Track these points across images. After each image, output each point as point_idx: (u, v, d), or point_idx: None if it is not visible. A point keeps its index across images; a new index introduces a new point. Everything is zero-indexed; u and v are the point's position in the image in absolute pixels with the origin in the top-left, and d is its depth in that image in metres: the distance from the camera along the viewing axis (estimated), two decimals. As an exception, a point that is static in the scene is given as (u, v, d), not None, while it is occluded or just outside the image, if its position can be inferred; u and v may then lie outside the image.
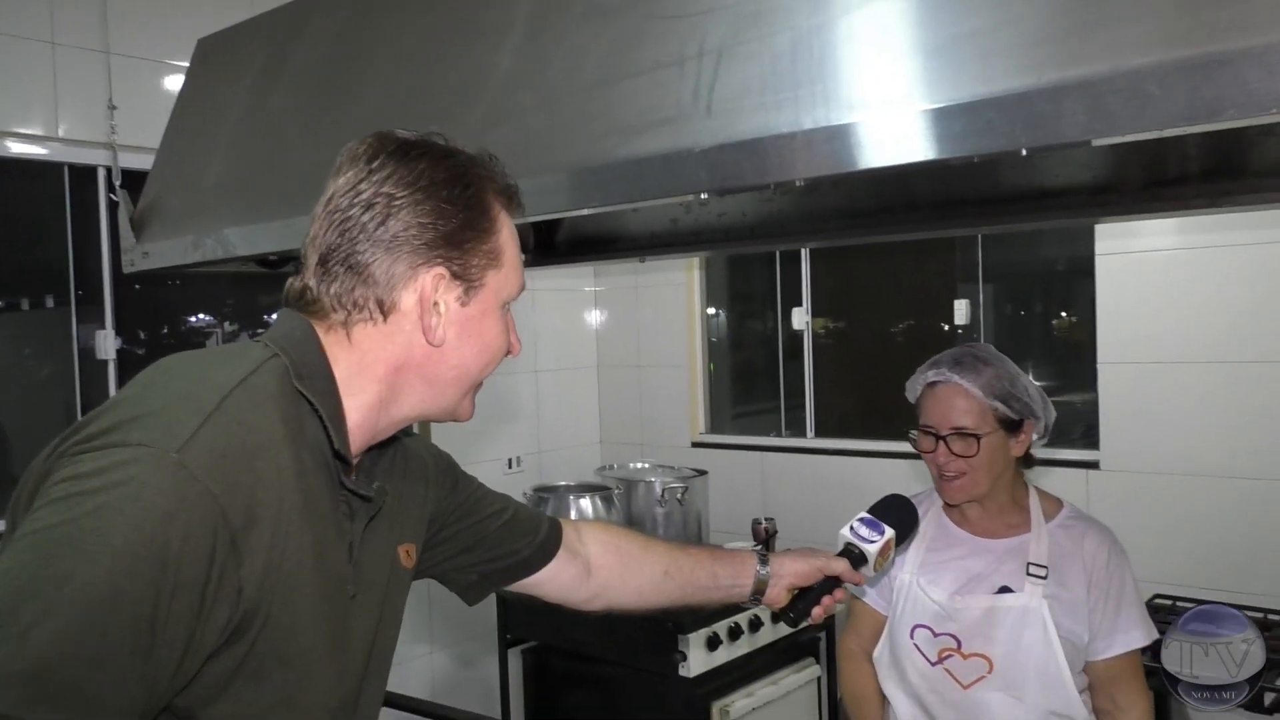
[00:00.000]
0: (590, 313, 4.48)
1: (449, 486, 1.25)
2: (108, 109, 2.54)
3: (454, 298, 0.98)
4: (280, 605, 0.85)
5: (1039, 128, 0.88)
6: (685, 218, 2.46)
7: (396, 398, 1.00)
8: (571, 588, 1.39)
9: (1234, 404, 2.89)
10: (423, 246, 0.96)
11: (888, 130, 0.98)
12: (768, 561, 1.49)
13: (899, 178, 2.11)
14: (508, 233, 1.04)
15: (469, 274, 0.99)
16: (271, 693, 0.87)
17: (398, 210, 0.95)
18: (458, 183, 0.98)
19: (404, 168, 0.96)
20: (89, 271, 2.92)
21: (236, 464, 0.83)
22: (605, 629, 3.02)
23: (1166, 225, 2.97)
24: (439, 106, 1.50)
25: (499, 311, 1.03)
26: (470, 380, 1.04)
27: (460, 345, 1.00)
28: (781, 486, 3.88)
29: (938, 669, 1.75)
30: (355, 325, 0.97)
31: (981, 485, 1.74)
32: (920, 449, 1.80)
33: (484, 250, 1.00)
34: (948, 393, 1.74)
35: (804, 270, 3.94)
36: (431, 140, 1.01)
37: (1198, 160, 1.86)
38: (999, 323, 3.65)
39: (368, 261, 0.95)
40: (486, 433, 3.95)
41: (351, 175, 0.97)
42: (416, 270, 0.96)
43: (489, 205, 1.01)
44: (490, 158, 1.04)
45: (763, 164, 1.08)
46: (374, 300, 0.96)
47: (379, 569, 1.05)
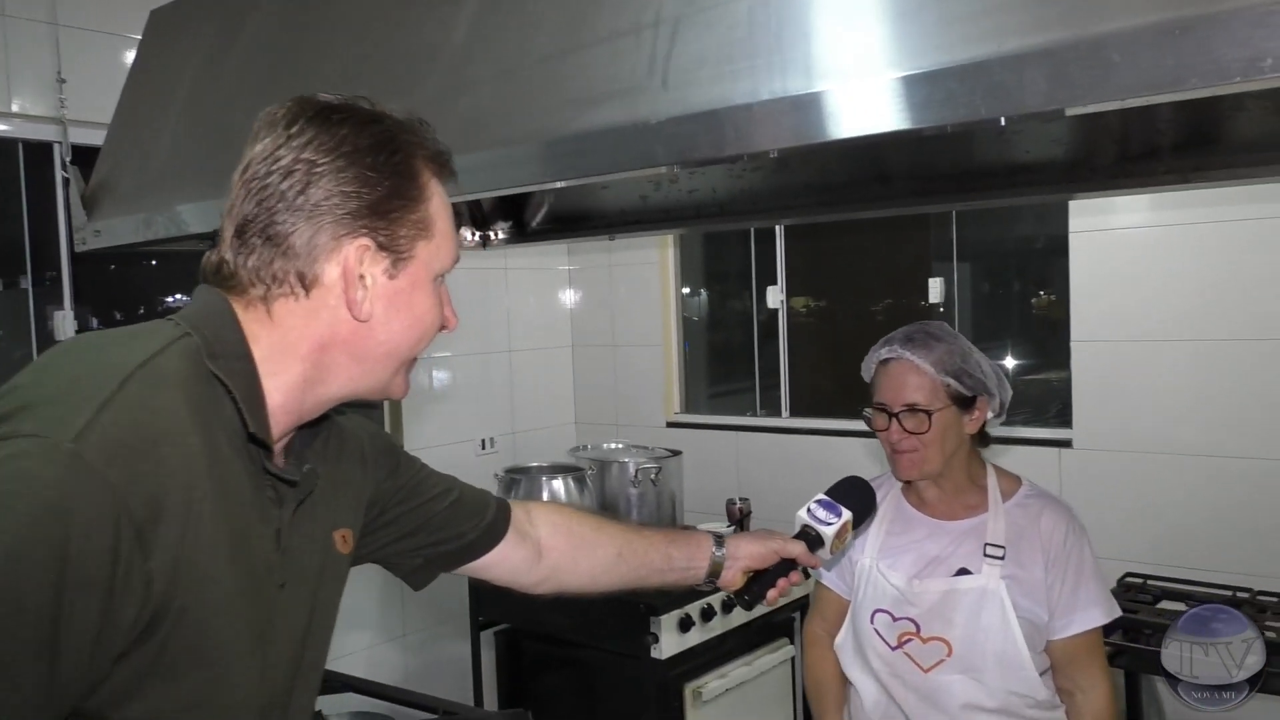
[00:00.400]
0: (564, 292, 4.44)
1: (389, 468, 1.21)
2: (56, 82, 2.46)
3: (381, 270, 0.94)
4: (194, 600, 0.81)
5: (1000, 98, 0.85)
6: (655, 195, 2.43)
7: (323, 377, 0.95)
8: (521, 571, 1.36)
9: (1207, 382, 2.89)
10: (346, 216, 0.91)
11: (844, 101, 0.95)
12: (723, 544, 1.47)
13: (869, 152, 2.09)
14: (439, 201, 0.98)
15: (397, 245, 0.94)
16: (188, 692, 0.83)
17: (319, 178, 0.90)
18: (383, 149, 0.93)
19: (325, 133, 0.91)
20: (48, 251, 2.86)
21: (138, 452, 0.78)
22: (577, 611, 2.99)
23: (1140, 202, 2.95)
24: (393, 79, 1.45)
25: (431, 284, 0.99)
26: (401, 357, 0.99)
27: (389, 320, 0.95)
28: (756, 466, 3.87)
29: (898, 653, 1.74)
30: (276, 300, 0.92)
31: (933, 462, 1.72)
32: (874, 427, 1.78)
33: (412, 220, 0.95)
34: (899, 369, 1.73)
35: (779, 249, 3.91)
36: (356, 104, 0.96)
37: (1170, 135, 1.84)
38: (974, 301, 3.64)
39: (287, 232, 0.90)
40: (459, 414, 3.91)
41: (269, 142, 0.92)
42: (340, 241, 0.91)
43: (417, 172, 0.96)
44: (420, 123, 0.99)
45: (719, 137, 1.04)
46: (294, 274, 0.91)
47: (312, 556, 1.01)
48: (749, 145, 1.03)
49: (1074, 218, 3.08)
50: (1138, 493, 3.00)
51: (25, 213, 2.80)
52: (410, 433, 3.67)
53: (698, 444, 3.95)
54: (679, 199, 2.40)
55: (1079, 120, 1.91)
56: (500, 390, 4.09)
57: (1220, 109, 1.75)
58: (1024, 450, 3.15)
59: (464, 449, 3.89)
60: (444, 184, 1.00)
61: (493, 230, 2.68)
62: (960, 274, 3.54)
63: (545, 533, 1.38)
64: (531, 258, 4.24)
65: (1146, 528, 2.98)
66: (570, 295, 4.45)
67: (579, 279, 4.43)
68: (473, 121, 1.31)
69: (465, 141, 1.32)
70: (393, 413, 3.70)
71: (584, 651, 3.10)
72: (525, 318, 4.22)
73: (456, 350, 3.91)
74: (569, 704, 3.22)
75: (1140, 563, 2.95)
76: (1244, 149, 1.78)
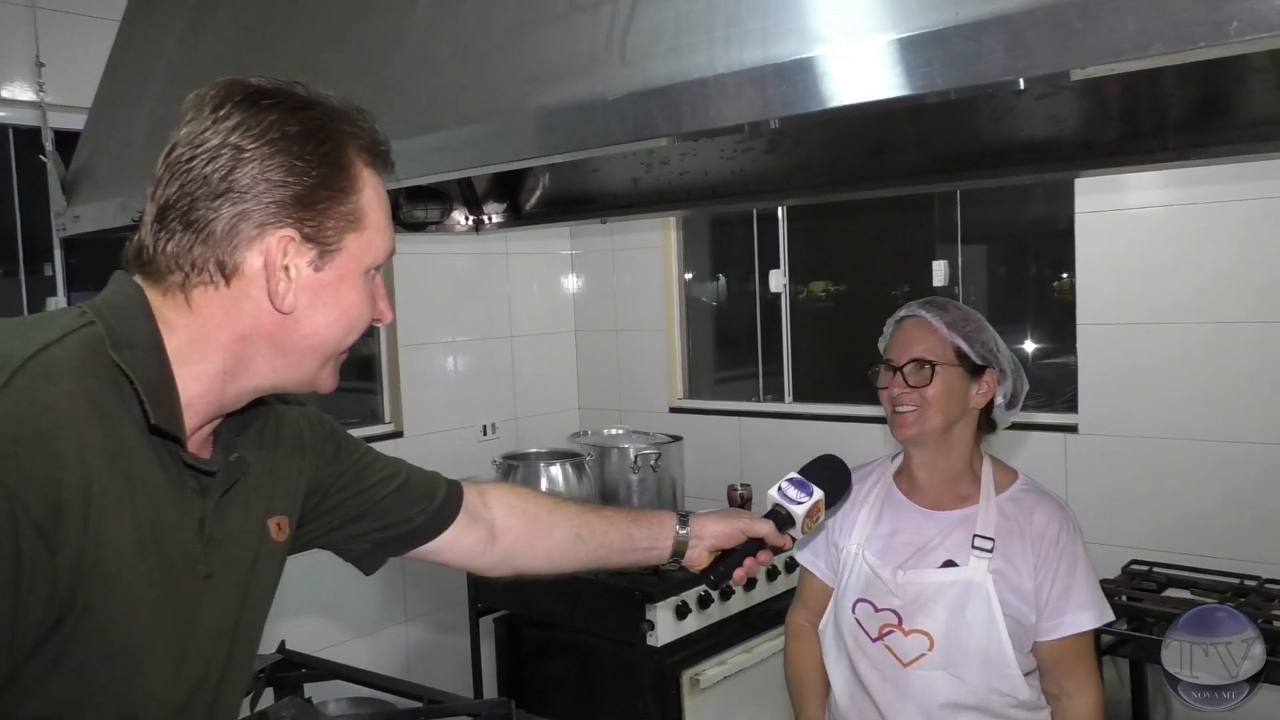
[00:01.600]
0: (566, 277, 4.41)
1: (329, 454, 1.17)
2: (35, 66, 2.44)
3: (306, 262, 0.91)
4: (99, 595, 0.79)
5: (957, 67, 0.81)
6: (646, 177, 2.40)
7: (245, 367, 0.92)
8: (474, 554, 1.33)
9: (1216, 366, 2.83)
10: (271, 205, 0.88)
11: (800, 76, 0.91)
12: (688, 523, 1.43)
13: (861, 131, 2.04)
14: (371, 193, 0.95)
15: (324, 237, 0.91)
16: (95, 690, 0.81)
17: (244, 164, 0.87)
18: (313, 137, 0.89)
19: (253, 118, 0.88)
20: (40, 238, 2.84)
21: (30, 448, 0.75)
22: (574, 597, 2.98)
23: (1148, 182, 2.89)
24: (359, 58, 1.43)
25: (361, 277, 0.95)
26: (328, 350, 0.96)
27: (314, 313, 0.92)
28: (759, 452, 3.83)
29: (878, 645, 1.68)
30: (194, 288, 0.89)
31: (933, 421, 1.67)
32: (879, 385, 1.75)
33: (341, 212, 0.91)
34: (911, 326, 1.73)
35: (781, 233, 3.86)
36: (289, 89, 0.92)
37: (1172, 111, 1.79)
38: (978, 284, 3.58)
39: (208, 219, 0.87)
40: (460, 400, 3.89)
41: (195, 124, 0.89)
42: (263, 230, 0.88)
43: (349, 163, 0.92)
44: (358, 111, 0.95)
45: (675, 113, 1.01)
46: (214, 262, 0.88)
47: (244, 545, 0.99)
48: (704, 123, 0.99)
49: (1080, 197, 3.01)
50: (1144, 478, 2.94)
51: (16, 200, 2.79)
52: (411, 419, 3.65)
53: (700, 430, 3.92)
54: (671, 181, 2.37)
55: (1076, 97, 1.86)
56: (502, 376, 4.06)
57: (1222, 83, 1.70)
58: (1029, 436, 3.10)
59: (465, 435, 3.87)
60: (381, 175, 0.97)
61: (486, 214, 2.66)
62: (965, 257, 3.48)
63: (500, 515, 1.35)
64: (533, 242, 4.21)
65: (1153, 514, 2.93)
66: (572, 280, 4.42)
67: (581, 263, 4.39)
68: (435, 101, 1.28)
69: (428, 121, 1.30)
70: (393, 399, 3.68)
71: (582, 638, 3.09)
72: (527, 303, 4.18)
73: (457, 336, 3.89)
74: (568, 690, 3.21)
75: (1146, 550, 2.89)
76: (1247, 124, 1.73)
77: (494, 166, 1.33)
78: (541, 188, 2.62)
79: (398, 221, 2.38)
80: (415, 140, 1.26)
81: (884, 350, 1.77)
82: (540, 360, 4.23)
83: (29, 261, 2.85)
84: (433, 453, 3.48)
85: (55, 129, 2.08)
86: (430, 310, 3.79)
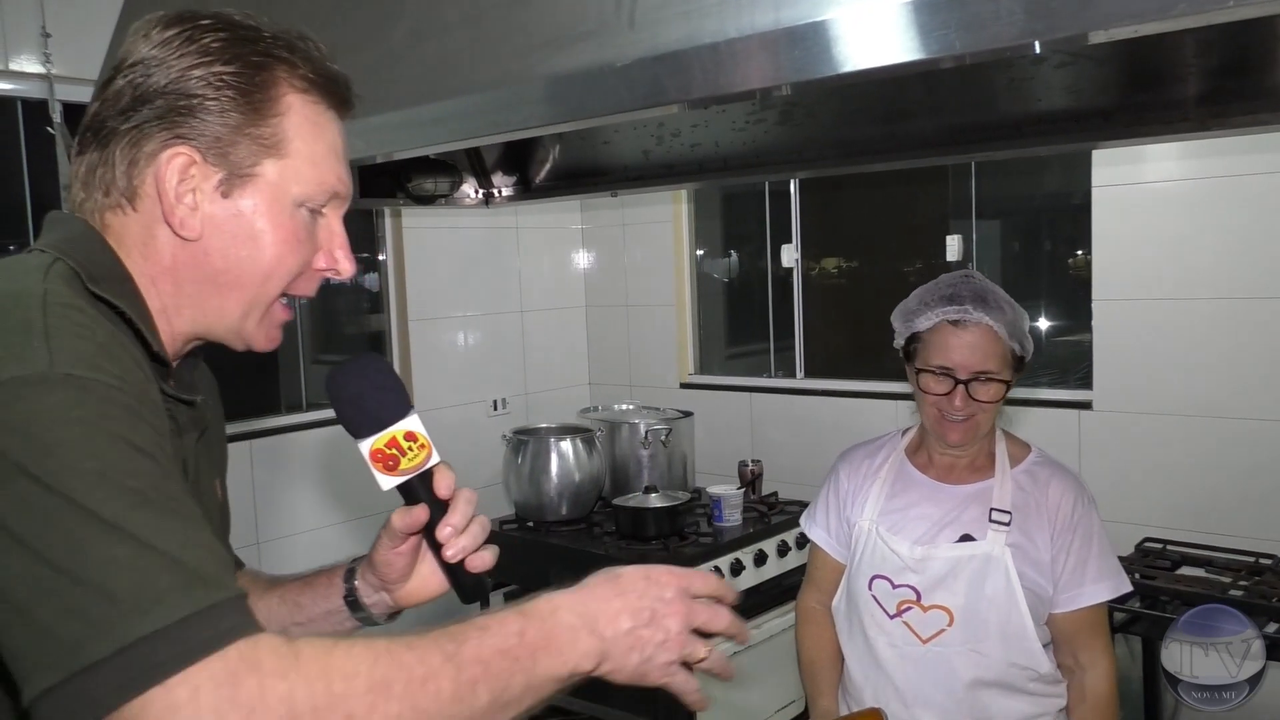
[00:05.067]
0: (577, 252, 4.38)
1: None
2: (41, 38, 2.42)
3: (212, 186, 0.86)
4: None
5: (974, 30, 0.79)
6: (657, 149, 2.37)
7: (176, 305, 0.89)
8: None
9: (1232, 342, 2.79)
10: (171, 118, 0.84)
11: (812, 40, 0.88)
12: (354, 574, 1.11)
13: (872, 103, 2.01)
14: (300, 119, 0.89)
15: (232, 160, 0.86)
16: None
17: (154, 76, 0.84)
18: (236, 55, 0.85)
19: (179, 35, 0.85)
20: (47, 209, 2.83)
21: (109, 356, 0.74)
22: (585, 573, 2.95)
23: (1166, 153, 2.84)
24: (363, 25, 1.40)
25: (288, 210, 0.89)
26: (249, 291, 0.89)
27: (226, 245, 0.87)
28: (770, 428, 3.81)
29: (896, 621, 1.68)
30: (106, 211, 0.87)
31: (984, 427, 1.66)
32: (927, 389, 1.65)
33: (255, 134, 0.86)
34: (978, 335, 1.61)
35: (793, 208, 3.82)
36: (230, 15, 0.88)
37: (1191, 81, 1.76)
38: (993, 260, 3.54)
39: (112, 132, 0.85)
40: (471, 374, 3.88)
41: (129, 44, 0.87)
42: (166, 146, 0.84)
43: (270, 83, 0.87)
44: (303, 39, 0.91)
45: (686, 79, 0.99)
46: (118, 181, 0.86)
47: (210, 498, 0.97)
48: (716, 87, 0.97)
49: (1097, 170, 2.97)
50: (1159, 455, 2.92)
51: (25, 172, 2.79)
52: (421, 394, 3.65)
53: (712, 405, 3.90)
54: (682, 153, 2.35)
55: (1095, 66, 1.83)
56: (512, 351, 4.06)
57: (1244, 51, 1.66)
58: (1043, 412, 3.07)
59: (476, 409, 3.87)
60: (321, 103, 0.91)
61: (496, 187, 2.64)
62: (980, 231, 3.44)
63: None
64: (543, 216, 4.19)
65: (1167, 491, 2.90)
66: (583, 255, 4.40)
67: (592, 238, 4.37)
68: (440, 68, 1.26)
69: (433, 89, 1.28)
70: (403, 374, 3.68)
71: (592, 613, 3.08)
72: (538, 277, 4.17)
73: (468, 311, 3.88)
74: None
75: (1160, 527, 2.87)
76: (1269, 93, 1.69)
77: (501, 136, 1.32)
78: (552, 160, 2.60)
79: (406, 194, 2.35)
80: (420, 109, 1.25)
81: (928, 350, 1.65)
82: (551, 335, 4.22)
83: (38, 233, 2.85)
84: (443, 428, 3.46)
85: (63, 101, 2.06)
86: (440, 285, 3.77)
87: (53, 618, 0.63)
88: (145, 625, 0.63)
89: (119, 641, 0.62)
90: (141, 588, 0.64)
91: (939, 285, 1.68)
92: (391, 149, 1.41)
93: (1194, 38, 1.56)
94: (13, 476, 0.65)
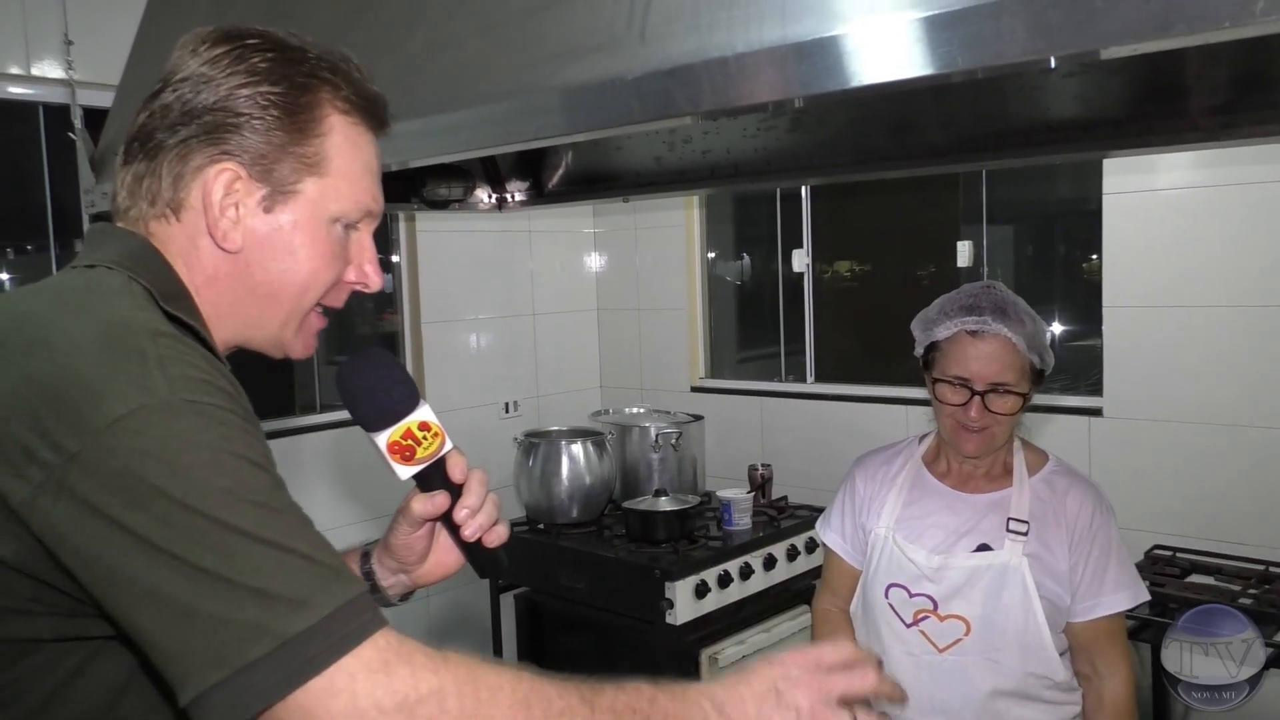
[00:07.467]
0: (589, 255, 4.41)
1: None
2: (64, 44, 2.46)
3: (255, 201, 0.89)
4: None
5: (977, 48, 0.80)
6: (669, 156, 2.39)
7: (220, 315, 0.92)
8: None
9: (1244, 349, 2.79)
10: (218, 135, 0.87)
11: (819, 56, 0.90)
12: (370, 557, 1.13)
13: (883, 111, 2.03)
14: (341, 139, 0.92)
15: (276, 176, 0.89)
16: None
17: (205, 93, 0.87)
18: (283, 75, 0.89)
19: (227, 54, 0.88)
20: (70, 215, 2.88)
21: (213, 381, 0.78)
22: (594, 575, 3.00)
23: (1177, 163, 2.84)
24: (381, 35, 1.43)
25: (324, 226, 0.93)
26: (286, 304, 0.93)
27: (266, 259, 0.91)
28: (781, 432, 3.83)
29: (913, 630, 1.67)
30: (151, 221, 0.90)
31: (1000, 439, 1.66)
32: (944, 399, 1.65)
33: (299, 153, 0.90)
34: (993, 345, 1.61)
35: (804, 213, 3.83)
36: (275, 33, 0.92)
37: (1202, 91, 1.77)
38: (1004, 266, 3.54)
39: (160, 144, 0.88)
40: (482, 377, 3.91)
41: (177, 60, 0.90)
42: (210, 161, 0.88)
43: (315, 104, 0.91)
44: (346, 60, 0.95)
45: (695, 92, 1.01)
46: (165, 192, 0.89)
47: None
48: (725, 101, 0.99)
49: (1108, 178, 2.97)
50: (1170, 463, 2.92)
51: (47, 177, 2.82)
52: (433, 395, 3.67)
53: (722, 409, 3.92)
54: (693, 160, 2.36)
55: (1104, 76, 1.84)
56: (524, 354, 4.08)
57: (1253, 62, 1.67)
58: (1054, 419, 3.07)
59: (488, 412, 3.89)
60: (361, 125, 0.95)
61: (509, 192, 2.66)
62: (991, 237, 3.45)
63: None
64: (556, 220, 4.21)
65: (1178, 499, 2.90)
66: (595, 258, 4.42)
67: (604, 242, 4.39)
68: (456, 78, 1.28)
69: (450, 99, 1.30)
70: (415, 376, 3.71)
71: (602, 616, 3.10)
72: (550, 281, 4.19)
73: (480, 314, 3.91)
74: (588, 668, 3.19)
75: (1170, 535, 2.87)
76: (1277, 106, 1.69)
77: (515, 145, 1.33)
78: (564, 166, 2.62)
79: (420, 199, 2.38)
80: (437, 118, 1.27)
81: (945, 360, 1.65)
82: (562, 338, 4.24)
83: (59, 237, 2.88)
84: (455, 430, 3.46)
85: (84, 106, 2.09)
86: (453, 288, 3.80)
87: (213, 620, 0.69)
88: (300, 622, 0.70)
89: (279, 638, 0.69)
90: (291, 588, 0.71)
91: (960, 295, 1.68)
92: (407, 157, 1.44)
93: (1202, 50, 1.57)
94: (154, 498, 0.71)
